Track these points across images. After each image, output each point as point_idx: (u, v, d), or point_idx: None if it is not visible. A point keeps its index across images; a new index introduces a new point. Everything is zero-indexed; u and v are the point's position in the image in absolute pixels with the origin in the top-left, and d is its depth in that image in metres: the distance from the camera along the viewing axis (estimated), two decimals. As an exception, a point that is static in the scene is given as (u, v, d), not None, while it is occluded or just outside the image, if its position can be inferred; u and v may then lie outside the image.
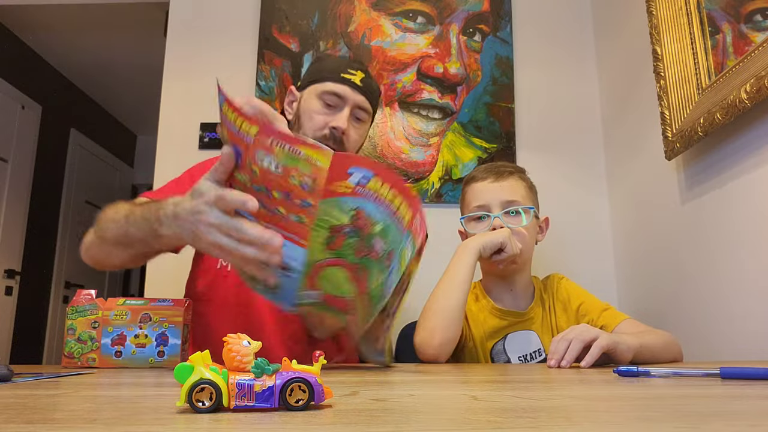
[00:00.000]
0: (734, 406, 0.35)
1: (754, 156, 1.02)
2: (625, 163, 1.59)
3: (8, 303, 3.12)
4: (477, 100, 1.75)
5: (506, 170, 1.10)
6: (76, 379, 0.54)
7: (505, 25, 1.80)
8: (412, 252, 0.67)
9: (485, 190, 1.08)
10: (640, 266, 1.51)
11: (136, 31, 3.10)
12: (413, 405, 0.34)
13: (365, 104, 1.03)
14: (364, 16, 1.80)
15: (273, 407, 0.31)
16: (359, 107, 1.02)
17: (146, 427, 0.27)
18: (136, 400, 0.37)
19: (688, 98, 1.19)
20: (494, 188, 1.08)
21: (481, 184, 1.10)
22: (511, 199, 1.06)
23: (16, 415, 0.30)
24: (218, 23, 1.84)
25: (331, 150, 0.57)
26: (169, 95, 1.80)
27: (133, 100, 3.99)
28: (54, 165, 3.64)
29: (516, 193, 1.07)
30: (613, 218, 1.68)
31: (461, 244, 1.04)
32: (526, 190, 1.10)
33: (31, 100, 3.36)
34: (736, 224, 1.08)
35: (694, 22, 1.19)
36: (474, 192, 1.10)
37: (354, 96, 1.01)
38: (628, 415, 0.31)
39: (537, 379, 0.56)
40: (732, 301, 1.09)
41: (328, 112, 1.01)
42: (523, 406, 0.34)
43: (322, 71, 1.04)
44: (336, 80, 1.01)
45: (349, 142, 1.01)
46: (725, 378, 0.52)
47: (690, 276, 1.24)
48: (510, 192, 1.07)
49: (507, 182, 1.08)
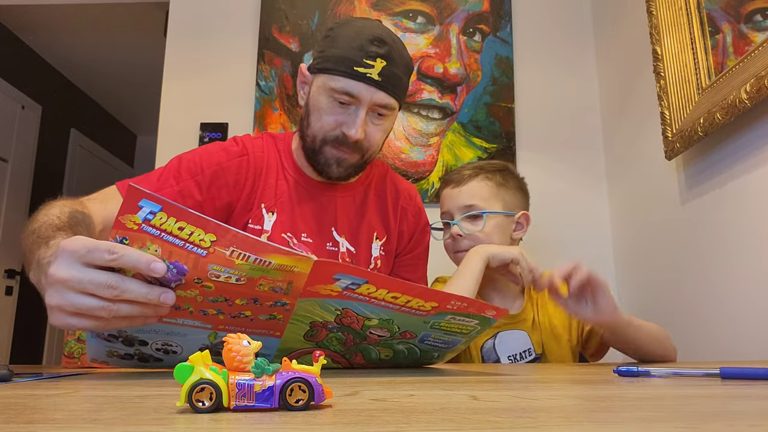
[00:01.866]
0: (734, 406, 0.35)
1: (754, 156, 1.02)
2: (625, 163, 1.59)
3: (8, 303, 3.13)
4: (477, 100, 1.75)
5: (467, 173, 1.08)
6: (76, 379, 0.54)
7: (505, 25, 1.80)
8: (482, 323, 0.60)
9: (447, 197, 1.09)
10: (640, 266, 1.51)
11: (136, 31, 3.10)
12: (413, 405, 0.34)
13: (386, 101, 0.86)
14: (364, 16, 1.80)
15: (273, 407, 0.31)
16: (378, 105, 0.86)
17: (146, 427, 0.27)
18: (136, 400, 0.37)
19: (688, 98, 1.19)
20: (454, 194, 1.07)
21: (444, 191, 1.10)
22: (469, 204, 1.05)
23: (16, 415, 0.30)
24: (218, 23, 1.85)
25: (313, 257, 0.48)
26: (169, 95, 1.80)
27: (133, 100, 4.00)
28: (54, 165, 3.64)
29: (475, 196, 1.05)
30: (613, 218, 1.68)
31: (473, 249, 1.01)
32: (490, 190, 1.06)
33: (31, 100, 3.36)
34: (735, 224, 1.08)
35: (694, 22, 1.19)
36: (441, 199, 1.11)
37: (371, 95, 0.84)
38: (628, 415, 0.31)
39: (537, 379, 0.56)
40: (732, 300, 1.09)
41: (341, 111, 0.86)
42: (523, 406, 0.34)
43: (334, 59, 0.86)
44: (349, 75, 0.84)
45: (370, 143, 0.89)
46: (725, 378, 0.52)
47: (690, 275, 1.24)
48: (468, 196, 1.06)
49: (466, 186, 1.07)
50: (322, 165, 0.91)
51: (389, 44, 0.86)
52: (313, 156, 0.92)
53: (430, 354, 0.67)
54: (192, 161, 0.91)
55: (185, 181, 0.89)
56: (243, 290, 0.51)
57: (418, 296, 0.53)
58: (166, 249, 0.48)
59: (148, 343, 0.57)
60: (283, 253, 0.48)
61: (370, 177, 1.03)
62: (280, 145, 1.00)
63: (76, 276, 0.48)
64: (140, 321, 0.52)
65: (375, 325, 0.57)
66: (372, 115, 0.88)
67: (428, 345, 0.64)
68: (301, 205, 0.94)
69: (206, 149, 0.94)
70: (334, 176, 0.92)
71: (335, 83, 0.85)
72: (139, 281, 0.49)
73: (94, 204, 0.80)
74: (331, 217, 0.96)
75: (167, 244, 0.47)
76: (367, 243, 0.98)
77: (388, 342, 0.62)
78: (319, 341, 0.59)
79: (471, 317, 0.59)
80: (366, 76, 0.83)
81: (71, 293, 0.49)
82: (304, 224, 0.93)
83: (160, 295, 0.49)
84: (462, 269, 0.99)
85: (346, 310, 0.54)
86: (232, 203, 0.91)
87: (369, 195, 1.01)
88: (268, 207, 0.92)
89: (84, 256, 0.49)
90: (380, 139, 0.91)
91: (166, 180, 0.89)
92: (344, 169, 0.91)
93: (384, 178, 1.05)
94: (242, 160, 0.93)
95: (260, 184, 0.93)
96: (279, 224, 0.91)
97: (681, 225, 1.28)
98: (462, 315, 0.58)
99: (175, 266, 0.48)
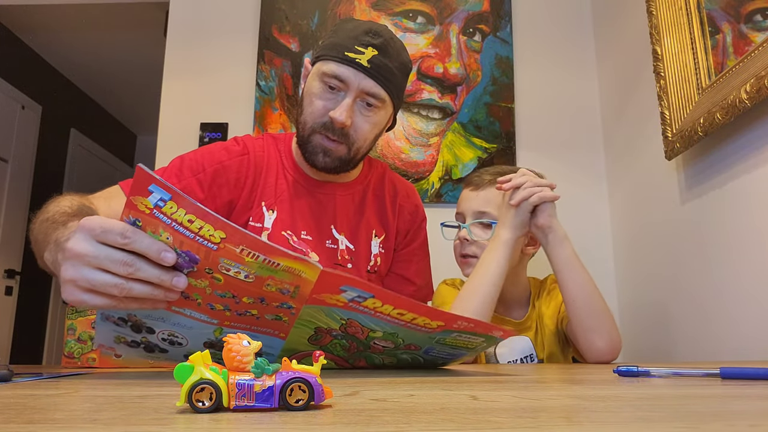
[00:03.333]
0: (734, 406, 0.35)
1: (754, 156, 1.02)
2: (625, 163, 1.59)
3: (8, 303, 3.13)
4: (477, 100, 1.75)
5: (487, 178, 1.05)
6: (76, 379, 0.54)
7: (505, 25, 1.80)
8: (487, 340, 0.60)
9: (464, 198, 1.08)
10: (639, 266, 1.51)
11: (136, 31, 3.10)
12: (413, 405, 0.34)
13: (374, 89, 0.86)
14: (364, 16, 1.80)
15: (273, 407, 0.31)
16: (367, 93, 0.86)
17: (146, 427, 0.27)
18: (136, 400, 0.37)
19: (688, 98, 1.19)
20: (471, 197, 1.06)
21: (463, 192, 1.10)
22: (482, 210, 1.03)
23: (16, 415, 0.30)
24: (218, 23, 1.85)
25: (320, 267, 0.48)
26: (169, 95, 1.80)
27: (133, 100, 4.00)
28: (54, 165, 3.64)
29: (490, 203, 1.03)
30: (613, 218, 1.68)
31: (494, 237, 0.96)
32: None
33: (31, 100, 3.36)
34: (735, 224, 1.08)
35: (694, 22, 1.19)
36: (459, 199, 1.11)
37: (358, 80, 0.85)
38: (628, 415, 0.31)
39: (537, 379, 0.56)
40: (732, 300, 1.09)
41: (330, 97, 0.87)
42: (523, 406, 0.34)
43: (329, 47, 0.88)
44: (339, 60, 0.85)
45: (356, 133, 0.89)
46: (725, 378, 0.52)
47: (690, 276, 1.24)
48: (483, 202, 1.03)
49: (483, 191, 1.04)
50: (309, 153, 0.91)
51: (385, 39, 0.87)
52: (304, 145, 0.92)
53: (433, 362, 0.67)
54: (194, 160, 0.92)
55: (187, 179, 0.90)
56: (251, 288, 0.51)
57: (424, 315, 0.53)
58: (177, 238, 0.48)
59: (155, 332, 0.58)
60: (291, 257, 0.47)
61: (369, 177, 1.04)
62: (280, 145, 1.01)
63: (93, 251, 0.50)
64: (150, 304, 0.52)
65: (379, 337, 0.57)
66: (360, 105, 0.88)
67: (432, 356, 0.64)
68: (300, 203, 0.95)
69: (208, 149, 0.96)
70: (320, 166, 0.91)
71: (326, 67, 0.87)
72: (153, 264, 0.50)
73: (99, 201, 0.82)
74: (331, 215, 0.97)
75: (178, 234, 0.47)
76: (366, 241, 0.98)
77: (392, 352, 0.62)
78: (323, 346, 0.59)
79: (477, 336, 0.59)
80: (355, 61, 0.85)
81: (87, 268, 0.50)
82: (304, 222, 0.94)
83: (173, 278, 0.50)
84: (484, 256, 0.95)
85: (350, 320, 0.54)
86: (233, 201, 0.92)
87: (368, 194, 1.02)
88: (268, 205, 0.93)
89: (99, 235, 0.50)
90: (368, 132, 0.90)
91: (168, 178, 0.89)
92: (331, 160, 0.90)
93: (382, 177, 1.06)
94: (243, 159, 0.94)
95: (260, 183, 0.94)
96: (279, 222, 0.93)
97: (681, 225, 1.28)
98: (468, 333, 0.58)
99: (187, 254, 0.49)
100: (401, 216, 1.04)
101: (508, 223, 0.94)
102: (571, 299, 0.91)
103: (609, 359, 0.90)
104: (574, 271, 0.91)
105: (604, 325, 0.90)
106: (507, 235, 0.93)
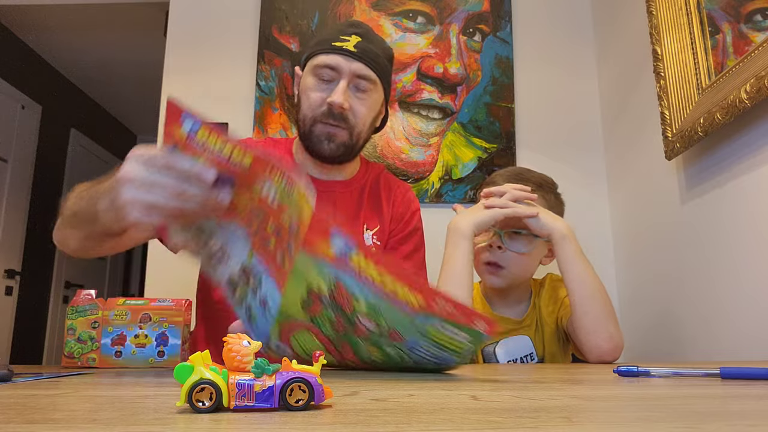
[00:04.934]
0: (734, 406, 0.35)
1: (754, 156, 1.02)
2: (625, 163, 1.59)
3: (8, 303, 3.13)
4: (477, 100, 1.75)
5: (529, 184, 0.98)
6: (76, 379, 0.54)
7: (505, 25, 1.80)
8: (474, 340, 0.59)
9: None
10: (640, 266, 1.51)
11: (136, 31, 3.10)
12: (413, 405, 0.34)
13: (364, 71, 0.92)
14: (364, 16, 1.80)
15: (273, 407, 0.31)
16: (358, 76, 0.92)
17: (146, 427, 0.27)
18: (136, 400, 0.37)
19: (688, 98, 1.19)
20: None
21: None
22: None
23: (16, 415, 0.30)
24: (218, 23, 1.85)
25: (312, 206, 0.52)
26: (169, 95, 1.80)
27: (133, 100, 4.00)
28: (54, 165, 3.64)
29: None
30: (613, 218, 1.68)
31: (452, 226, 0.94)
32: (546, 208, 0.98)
33: (31, 100, 3.36)
34: (736, 224, 1.08)
35: (694, 22, 1.19)
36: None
37: (349, 65, 0.91)
38: (628, 415, 0.31)
39: (537, 379, 0.56)
40: (732, 300, 1.09)
41: (325, 87, 0.92)
42: (523, 406, 0.34)
43: (315, 43, 0.95)
44: (327, 51, 0.92)
45: (355, 116, 0.93)
46: (725, 378, 0.52)
47: (690, 276, 1.24)
48: None
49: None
50: (314, 144, 0.94)
51: (365, 28, 0.95)
52: (307, 138, 0.94)
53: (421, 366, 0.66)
54: None
55: None
56: (274, 214, 0.54)
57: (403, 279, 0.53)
58: (212, 161, 0.53)
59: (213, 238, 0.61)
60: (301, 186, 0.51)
61: (366, 177, 1.06)
62: (280, 148, 1.04)
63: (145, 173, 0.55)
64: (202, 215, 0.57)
65: (363, 313, 0.57)
66: (354, 89, 0.93)
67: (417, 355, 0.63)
68: None
69: None
70: (327, 153, 0.94)
71: (316, 60, 0.92)
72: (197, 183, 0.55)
73: None
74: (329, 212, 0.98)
75: (213, 157, 0.53)
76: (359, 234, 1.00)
77: (376, 340, 0.61)
78: (314, 316, 0.59)
79: (460, 329, 0.58)
80: (342, 48, 0.91)
81: (141, 190, 0.55)
82: None
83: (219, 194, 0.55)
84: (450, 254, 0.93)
85: (338, 283, 0.55)
86: None
87: (364, 194, 1.04)
88: None
89: (147, 160, 0.55)
90: (366, 115, 0.95)
91: None
92: (336, 146, 0.93)
93: (378, 178, 1.08)
94: None
95: None
96: None
97: (681, 225, 1.28)
98: (450, 324, 0.57)
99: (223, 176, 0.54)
100: (395, 204, 1.06)
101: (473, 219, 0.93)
102: (573, 295, 0.91)
103: (611, 359, 0.89)
104: (577, 267, 0.92)
105: (607, 323, 0.89)
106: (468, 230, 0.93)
